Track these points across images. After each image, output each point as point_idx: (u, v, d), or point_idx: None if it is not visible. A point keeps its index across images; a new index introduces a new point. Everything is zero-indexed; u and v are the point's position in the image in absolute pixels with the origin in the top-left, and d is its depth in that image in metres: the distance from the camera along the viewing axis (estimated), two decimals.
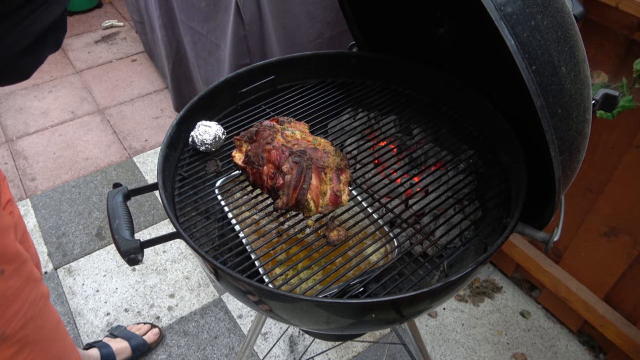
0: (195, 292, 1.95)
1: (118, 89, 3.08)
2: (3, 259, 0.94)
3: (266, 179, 0.88)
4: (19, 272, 0.98)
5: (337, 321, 0.80)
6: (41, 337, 1.04)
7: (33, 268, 1.05)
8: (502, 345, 1.76)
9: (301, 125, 0.99)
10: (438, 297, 0.81)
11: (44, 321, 1.05)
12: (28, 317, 0.99)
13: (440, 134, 1.13)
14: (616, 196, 1.42)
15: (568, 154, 0.71)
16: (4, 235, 0.95)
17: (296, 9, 1.70)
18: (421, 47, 1.17)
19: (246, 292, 0.78)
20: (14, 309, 0.96)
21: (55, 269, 2.03)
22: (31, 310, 1.00)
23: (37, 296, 1.03)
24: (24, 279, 0.99)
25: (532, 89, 0.63)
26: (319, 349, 1.74)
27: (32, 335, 1.01)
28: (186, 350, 1.76)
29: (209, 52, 2.03)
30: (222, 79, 1.11)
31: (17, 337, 0.98)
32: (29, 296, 1.00)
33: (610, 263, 1.52)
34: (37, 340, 1.03)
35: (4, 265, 0.94)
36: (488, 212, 0.98)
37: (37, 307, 1.02)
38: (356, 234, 0.89)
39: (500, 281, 1.96)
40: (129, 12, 3.06)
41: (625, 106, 1.13)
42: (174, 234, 0.82)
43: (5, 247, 0.94)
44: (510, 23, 0.61)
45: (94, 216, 2.26)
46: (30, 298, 1.00)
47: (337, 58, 1.22)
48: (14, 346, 0.98)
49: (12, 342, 0.97)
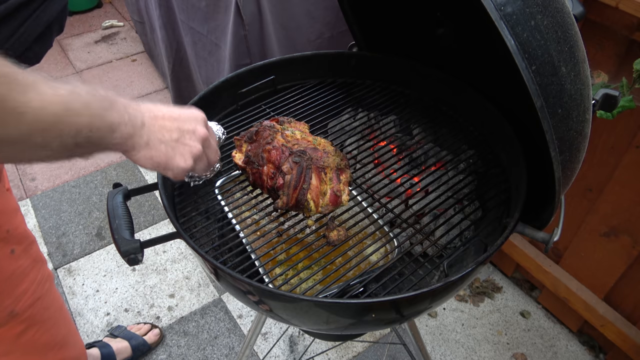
0: (195, 292, 1.95)
1: (118, 89, 3.08)
2: (13, 239, 0.98)
3: (266, 179, 0.88)
4: (28, 252, 1.02)
5: (337, 321, 0.80)
6: (47, 317, 1.08)
7: (39, 250, 1.09)
8: (502, 345, 1.76)
9: (301, 125, 0.99)
10: (438, 297, 0.81)
11: (49, 302, 1.09)
12: (36, 297, 1.03)
13: (440, 134, 1.13)
14: (616, 196, 1.42)
15: (568, 154, 0.71)
16: (12, 215, 0.99)
17: (296, 9, 1.70)
18: (421, 47, 1.17)
19: (246, 292, 0.78)
20: (23, 287, 1.00)
21: (55, 269, 2.03)
22: (38, 290, 1.04)
23: (43, 277, 1.07)
24: (32, 260, 1.03)
25: (532, 89, 0.63)
26: (319, 349, 1.74)
27: (39, 315, 1.05)
28: (186, 350, 1.76)
29: (209, 52, 2.03)
30: (222, 79, 1.11)
31: (25, 314, 1.02)
32: (36, 276, 1.04)
33: (610, 263, 1.52)
34: (44, 319, 1.07)
35: (14, 245, 0.98)
36: (488, 212, 0.98)
37: (43, 287, 1.06)
38: (356, 234, 0.89)
39: (500, 281, 1.96)
40: (129, 12, 3.06)
41: (625, 106, 1.13)
42: (174, 234, 0.82)
43: (15, 227, 0.98)
44: (510, 23, 0.61)
45: (94, 216, 2.26)
46: (38, 278, 1.04)
47: (337, 58, 1.22)
48: (23, 324, 1.02)
49: (21, 319, 1.01)
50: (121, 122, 0.62)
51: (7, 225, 0.96)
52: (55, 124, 0.53)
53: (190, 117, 0.73)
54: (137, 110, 0.66)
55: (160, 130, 0.68)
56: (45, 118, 0.52)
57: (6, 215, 0.97)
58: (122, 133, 0.62)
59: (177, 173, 0.72)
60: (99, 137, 0.59)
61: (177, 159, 0.70)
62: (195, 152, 0.72)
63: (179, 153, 0.70)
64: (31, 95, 0.51)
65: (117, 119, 0.61)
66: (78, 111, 0.56)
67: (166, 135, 0.69)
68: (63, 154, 0.57)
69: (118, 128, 0.61)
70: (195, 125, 0.73)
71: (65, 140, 0.55)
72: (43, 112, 0.52)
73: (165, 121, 0.69)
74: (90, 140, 0.58)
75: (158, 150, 0.68)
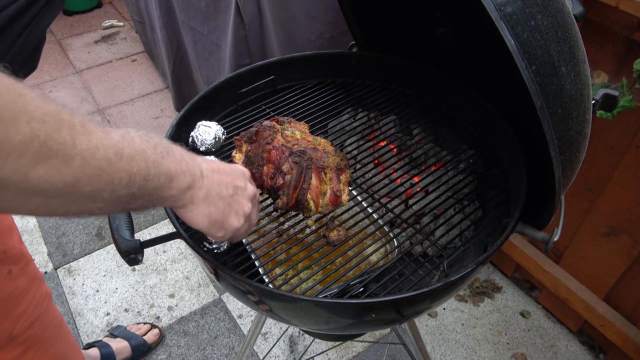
0: (195, 292, 1.95)
1: (118, 89, 3.08)
2: (10, 260, 0.94)
3: (266, 179, 0.88)
4: (25, 271, 0.98)
5: (337, 321, 0.80)
6: (46, 337, 1.04)
7: (36, 268, 1.05)
8: (502, 345, 1.76)
9: (301, 125, 0.99)
10: (438, 297, 0.81)
11: (48, 320, 1.05)
12: (34, 317, 1.00)
13: (440, 134, 1.13)
14: (616, 196, 1.42)
15: (568, 154, 0.71)
16: (8, 235, 0.96)
17: (296, 9, 1.70)
18: (421, 47, 1.17)
19: (246, 292, 0.78)
20: (21, 308, 0.96)
21: (55, 269, 2.03)
22: (37, 310, 1.00)
23: (42, 296, 1.03)
24: (29, 279, 0.99)
25: (532, 89, 0.63)
26: (319, 349, 1.74)
27: (37, 335, 1.01)
28: (186, 350, 1.76)
29: (209, 51, 2.03)
30: (222, 79, 1.11)
31: (23, 336, 0.98)
32: (34, 296, 1.00)
33: (610, 263, 1.52)
34: (43, 339, 1.03)
35: (11, 265, 0.94)
36: (488, 212, 0.98)
37: (42, 306, 1.03)
38: (356, 234, 0.89)
39: (500, 281, 1.96)
40: (129, 12, 3.06)
41: (625, 106, 1.13)
42: (174, 234, 0.82)
43: (11, 247, 0.95)
44: (510, 23, 0.61)
45: None
46: (36, 298, 1.01)
47: (337, 58, 1.22)
48: (21, 346, 0.98)
49: (19, 342, 0.97)
50: (179, 170, 0.56)
51: (3, 246, 0.92)
52: (106, 171, 0.47)
53: (240, 173, 0.69)
54: (194, 160, 0.61)
55: (218, 184, 0.63)
56: (96, 163, 0.46)
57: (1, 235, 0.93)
58: (179, 183, 0.57)
59: (229, 233, 0.66)
60: (155, 188, 0.54)
61: (232, 218, 0.65)
62: (247, 210, 0.67)
63: (234, 211, 0.65)
64: (81, 137, 0.44)
65: (174, 168, 0.56)
66: (132, 156, 0.50)
67: (224, 191, 0.64)
68: (116, 206, 0.51)
69: (176, 177, 0.56)
70: (246, 183, 0.69)
71: (117, 190, 0.49)
72: (94, 155, 0.45)
73: (222, 175, 0.64)
74: (145, 191, 0.52)
75: (216, 206, 0.62)
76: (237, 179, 0.67)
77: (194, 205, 0.60)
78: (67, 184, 0.44)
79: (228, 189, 0.64)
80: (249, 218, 0.69)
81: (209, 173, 0.62)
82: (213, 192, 0.62)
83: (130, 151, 0.49)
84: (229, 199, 0.64)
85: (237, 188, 0.66)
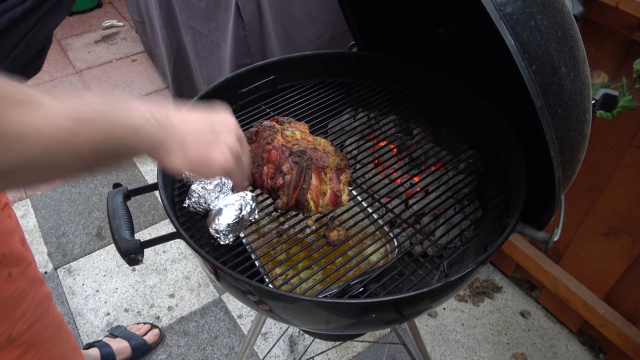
0: (195, 292, 1.95)
1: (118, 89, 3.08)
2: (10, 262, 0.94)
3: (266, 179, 0.88)
4: (25, 273, 0.98)
5: (337, 321, 0.80)
6: (46, 338, 1.05)
7: (37, 269, 1.05)
8: (502, 345, 1.76)
9: (301, 125, 0.99)
10: (438, 297, 0.81)
11: (48, 321, 1.05)
12: (34, 319, 1.00)
13: (440, 134, 1.13)
14: (616, 196, 1.42)
15: (568, 154, 0.71)
16: (9, 238, 0.96)
17: (296, 9, 1.70)
18: (421, 47, 1.17)
19: (246, 292, 0.78)
20: (21, 310, 0.97)
21: (55, 269, 2.03)
22: (37, 311, 1.01)
23: (42, 297, 1.03)
24: (29, 281, 0.99)
25: (532, 89, 0.63)
26: (319, 349, 1.74)
27: (37, 337, 1.01)
28: (186, 350, 1.76)
29: (209, 51, 2.03)
30: (222, 79, 1.11)
31: (23, 338, 0.98)
32: (35, 297, 1.00)
33: (610, 263, 1.52)
34: (42, 340, 1.03)
35: (12, 267, 0.94)
36: (488, 212, 0.98)
37: (42, 308, 1.03)
38: (356, 234, 0.89)
39: (500, 281, 1.96)
40: (129, 12, 3.06)
41: (625, 106, 1.13)
42: (174, 234, 0.82)
43: (11, 250, 0.95)
44: (510, 23, 0.61)
45: (94, 216, 2.26)
46: (37, 299, 1.01)
47: (337, 58, 1.22)
48: (20, 348, 0.98)
49: (19, 343, 0.97)
50: (143, 122, 0.57)
51: (3, 248, 0.93)
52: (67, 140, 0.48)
53: (219, 121, 0.70)
54: (164, 113, 0.62)
55: (192, 132, 0.65)
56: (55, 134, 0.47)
57: (2, 238, 0.94)
58: (148, 135, 0.58)
59: (216, 169, 0.68)
60: (122, 144, 0.55)
61: (215, 154, 0.67)
62: (230, 144, 0.69)
63: (217, 149, 0.67)
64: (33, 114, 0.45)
65: (138, 120, 0.56)
66: (91, 120, 0.50)
67: (200, 137, 0.65)
68: (81, 171, 0.53)
69: (143, 129, 0.57)
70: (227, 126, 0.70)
71: (82, 154, 0.50)
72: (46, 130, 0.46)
73: (196, 123, 0.66)
74: (112, 149, 0.53)
75: (194, 149, 0.65)
76: (217, 125, 0.69)
77: (173, 154, 0.63)
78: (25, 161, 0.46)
79: (205, 135, 0.67)
80: (237, 156, 0.71)
81: (179, 122, 0.64)
82: (189, 139, 0.64)
83: (89, 115, 0.51)
84: (209, 140, 0.67)
85: (217, 133, 0.68)
